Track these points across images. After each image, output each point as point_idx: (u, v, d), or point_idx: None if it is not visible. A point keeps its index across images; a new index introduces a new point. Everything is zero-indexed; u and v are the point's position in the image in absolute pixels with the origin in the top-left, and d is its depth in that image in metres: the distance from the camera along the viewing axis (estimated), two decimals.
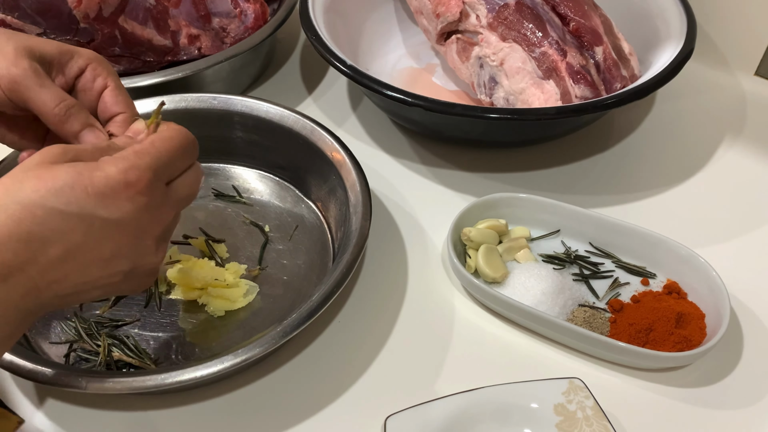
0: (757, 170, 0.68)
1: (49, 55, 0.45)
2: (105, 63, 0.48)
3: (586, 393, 0.48)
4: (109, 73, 0.48)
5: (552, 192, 0.66)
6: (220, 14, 0.77)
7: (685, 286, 0.55)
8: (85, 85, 0.47)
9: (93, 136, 0.45)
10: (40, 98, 0.44)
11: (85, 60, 0.47)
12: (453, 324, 0.56)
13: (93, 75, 0.47)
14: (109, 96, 0.47)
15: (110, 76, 0.47)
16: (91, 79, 0.47)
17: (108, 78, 0.47)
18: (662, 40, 0.69)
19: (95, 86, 0.47)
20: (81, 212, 0.37)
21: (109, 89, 0.47)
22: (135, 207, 0.38)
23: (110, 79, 0.47)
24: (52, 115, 0.45)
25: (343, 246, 0.54)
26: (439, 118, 0.64)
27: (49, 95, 0.44)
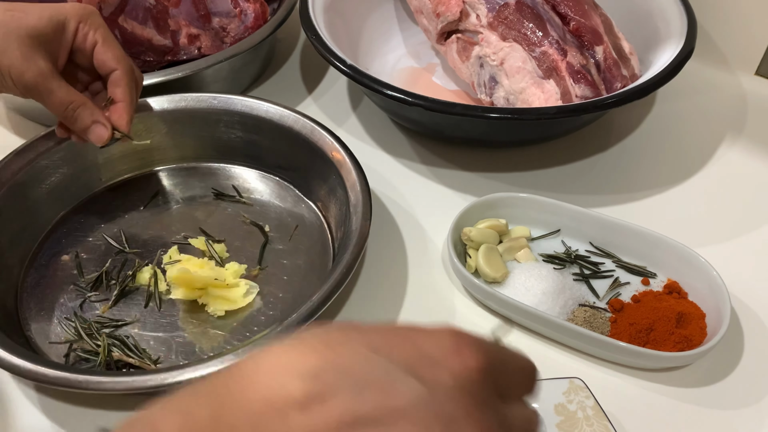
0: (758, 170, 0.68)
1: (47, 37, 0.48)
2: (92, 16, 0.50)
3: (587, 393, 0.47)
4: (96, 27, 0.50)
5: (552, 192, 0.66)
6: (220, 14, 0.77)
7: (685, 285, 0.55)
8: (79, 45, 0.50)
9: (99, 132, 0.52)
10: (50, 103, 0.49)
11: (75, 21, 0.49)
12: (453, 324, 0.56)
13: (83, 35, 0.50)
14: (100, 53, 0.51)
15: (98, 30, 0.50)
16: (82, 39, 0.50)
17: (97, 33, 0.50)
18: (662, 40, 0.69)
19: (87, 45, 0.50)
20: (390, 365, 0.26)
21: (98, 45, 0.50)
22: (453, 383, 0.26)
23: (98, 34, 0.50)
24: (63, 117, 0.51)
25: (343, 246, 0.54)
26: (440, 117, 0.64)
27: (56, 100, 0.49)
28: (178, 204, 0.66)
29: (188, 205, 0.66)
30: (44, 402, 0.52)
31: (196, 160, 0.69)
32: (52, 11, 0.48)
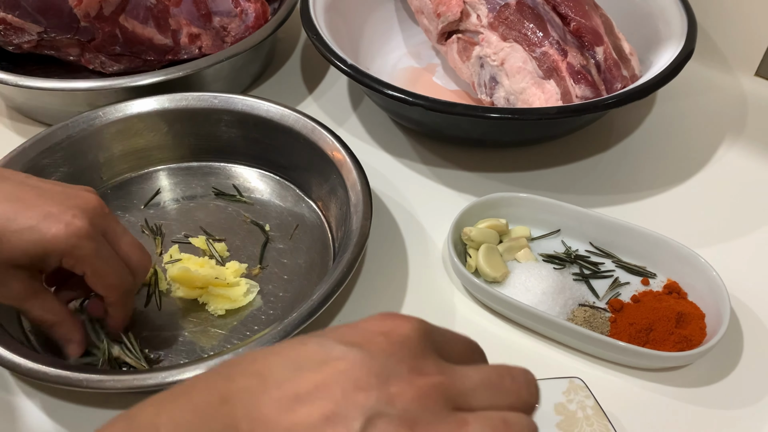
0: (758, 170, 0.69)
1: (23, 266, 0.46)
2: (74, 250, 0.45)
3: (587, 392, 0.48)
4: (82, 260, 0.46)
5: (552, 192, 0.66)
6: (221, 13, 0.77)
7: (685, 285, 0.55)
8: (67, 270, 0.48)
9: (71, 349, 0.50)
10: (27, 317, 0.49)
11: (56, 258, 0.46)
12: (453, 323, 0.56)
13: (69, 266, 0.47)
14: (90, 283, 0.48)
15: (84, 263, 0.46)
16: (70, 267, 0.47)
17: (84, 266, 0.47)
18: (663, 40, 0.69)
19: (76, 272, 0.48)
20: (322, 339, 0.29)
21: (87, 276, 0.47)
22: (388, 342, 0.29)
23: (85, 267, 0.47)
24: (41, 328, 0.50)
25: (344, 245, 0.54)
26: (440, 117, 0.64)
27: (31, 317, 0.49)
28: (178, 203, 0.66)
29: (189, 204, 0.66)
30: (45, 401, 0.52)
31: (197, 159, 0.69)
32: (30, 243, 0.44)
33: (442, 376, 0.28)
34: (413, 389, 0.27)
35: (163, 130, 0.67)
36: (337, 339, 0.29)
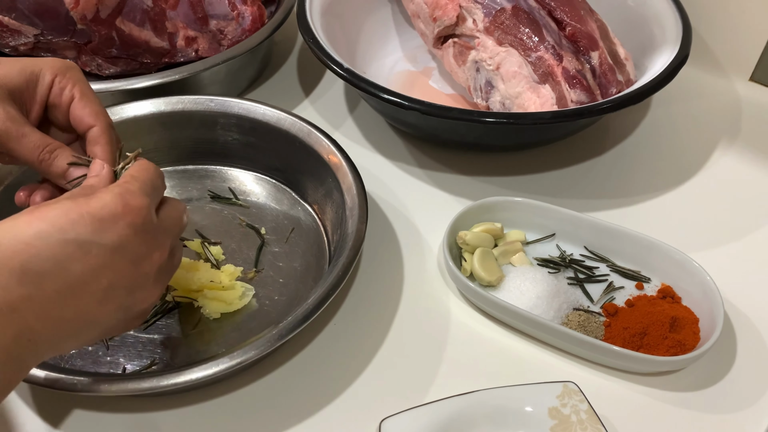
0: (752, 175, 0.69)
1: (17, 88, 0.45)
2: (70, 71, 0.47)
3: (581, 397, 0.48)
4: (74, 82, 0.46)
5: (547, 196, 0.66)
6: (218, 16, 0.77)
7: (679, 290, 0.56)
8: (54, 100, 0.46)
9: (79, 172, 0.46)
10: (22, 148, 0.44)
11: (50, 74, 0.46)
12: (448, 327, 0.56)
13: (59, 89, 0.46)
14: (77, 108, 0.46)
15: (77, 85, 0.46)
16: (58, 93, 0.46)
17: (74, 88, 0.46)
18: (658, 45, 0.69)
19: (63, 100, 0.46)
20: (78, 239, 0.36)
21: (75, 101, 0.46)
22: (133, 231, 0.38)
23: (76, 89, 0.46)
24: (38, 162, 0.45)
25: (339, 249, 0.54)
26: (436, 121, 0.64)
27: (30, 144, 0.44)
28: None
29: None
30: (40, 404, 0.52)
31: (193, 163, 0.69)
32: (25, 63, 0.45)
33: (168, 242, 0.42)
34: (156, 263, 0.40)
35: (159, 133, 0.67)
36: (89, 235, 0.36)
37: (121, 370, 0.53)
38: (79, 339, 0.38)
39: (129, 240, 0.38)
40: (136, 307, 0.40)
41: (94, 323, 0.38)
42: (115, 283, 0.37)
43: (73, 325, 0.37)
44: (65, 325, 0.36)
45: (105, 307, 0.38)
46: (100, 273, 0.37)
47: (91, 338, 0.39)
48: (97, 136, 0.46)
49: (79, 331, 0.37)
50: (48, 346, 0.36)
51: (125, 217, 0.38)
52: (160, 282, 0.42)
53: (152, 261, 0.40)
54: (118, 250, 0.37)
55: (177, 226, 0.44)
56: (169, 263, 0.43)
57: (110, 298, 0.37)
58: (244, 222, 0.64)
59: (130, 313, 0.40)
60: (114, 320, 0.39)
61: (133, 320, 0.42)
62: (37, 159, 0.45)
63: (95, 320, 0.38)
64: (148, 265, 0.39)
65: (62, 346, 0.37)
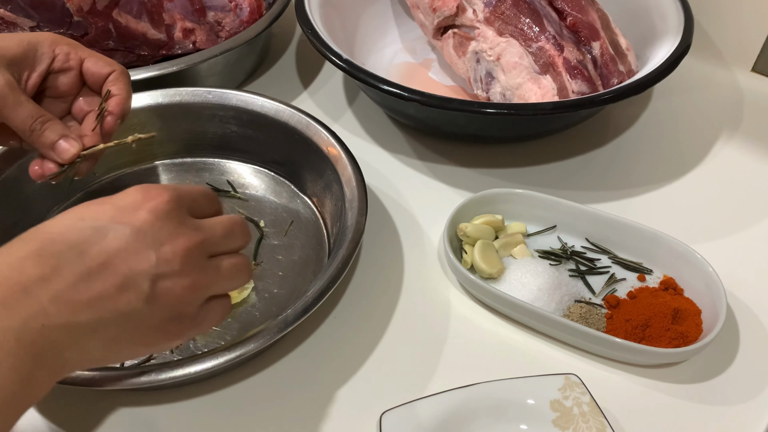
0: (754, 166, 0.68)
1: (16, 58, 0.46)
2: (68, 41, 0.49)
3: (583, 389, 0.47)
4: (77, 47, 0.48)
5: (548, 188, 0.66)
6: (215, 8, 0.77)
7: (681, 282, 0.55)
8: (63, 65, 0.48)
9: (68, 145, 0.47)
10: (16, 116, 0.46)
11: (49, 45, 0.47)
12: (449, 320, 0.56)
13: (65, 55, 0.48)
14: (90, 64, 0.48)
15: (80, 49, 0.49)
16: (65, 59, 0.48)
17: (79, 51, 0.48)
18: (659, 36, 0.68)
19: (71, 63, 0.48)
20: (95, 224, 0.35)
21: (87, 60, 0.48)
22: (154, 217, 0.36)
23: (82, 51, 0.49)
24: (29, 131, 0.46)
25: (339, 241, 0.54)
26: (436, 113, 0.63)
27: (25, 112, 0.46)
28: None
29: None
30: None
31: (191, 155, 0.68)
32: (22, 35, 0.46)
33: (198, 234, 0.38)
34: (180, 250, 0.36)
35: (157, 126, 0.66)
36: (108, 221, 0.36)
37: (120, 363, 0.52)
38: (102, 334, 0.35)
39: (148, 224, 0.36)
40: (162, 301, 0.36)
41: (115, 312, 0.35)
42: (134, 267, 0.35)
43: (92, 312, 0.34)
44: (82, 309, 0.34)
45: (125, 295, 0.35)
46: (117, 256, 0.35)
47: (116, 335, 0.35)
48: (116, 78, 0.49)
49: (100, 322, 0.34)
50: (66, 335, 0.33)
51: (146, 203, 0.37)
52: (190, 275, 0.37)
53: (175, 247, 0.36)
54: (137, 233, 0.36)
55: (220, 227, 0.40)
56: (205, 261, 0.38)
57: (130, 284, 0.35)
58: (243, 215, 0.63)
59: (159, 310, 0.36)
60: (140, 315, 0.35)
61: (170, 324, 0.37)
62: (29, 128, 0.46)
63: (115, 308, 0.35)
64: (170, 251, 0.36)
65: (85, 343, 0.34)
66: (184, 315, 0.38)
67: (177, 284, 0.36)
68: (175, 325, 0.38)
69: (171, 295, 0.36)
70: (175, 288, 0.36)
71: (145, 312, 0.36)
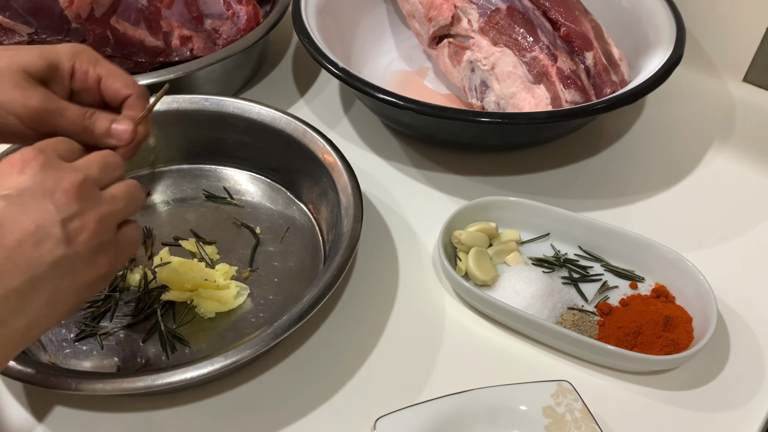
0: (745, 176, 0.69)
1: (41, 72, 0.46)
2: (86, 54, 0.48)
3: (575, 395, 0.48)
4: (95, 62, 0.48)
5: (542, 195, 0.67)
6: (213, 16, 0.77)
7: (673, 289, 0.56)
8: (81, 84, 0.48)
9: (122, 126, 0.48)
10: (66, 121, 0.46)
11: (69, 60, 0.47)
12: (443, 326, 0.56)
13: (83, 73, 0.47)
14: (108, 85, 0.48)
15: (98, 64, 0.48)
16: (83, 78, 0.48)
17: (97, 67, 0.48)
18: (652, 46, 0.69)
19: (89, 82, 0.48)
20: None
21: (104, 79, 0.48)
22: (30, 173, 0.38)
23: (99, 67, 0.48)
24: (82, 129, 0.47)
25: (335, 248, 0.54)
26: (431, 121, 0.64)
27: (73, 115, 0.46)
28: (168, 205, 0.66)
29: (179, 207, 0.66)
30: (33, 404, 0.51)
31: (188, 162, 0.69)
32: (42, 50, 0.46)
33: (78, 172, 0.40)
34: (72, 190, 0.39)
35: (154, 133, 0.66)
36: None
37: (116, 369, 0.53)
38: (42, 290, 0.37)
39: (29, 181, 0.38)
40: (81, 238, 0.39)
41: (44, 265, 0.37)
42: (38, 220, 0.37)
43: (22, 274, 0.36)
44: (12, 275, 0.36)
45: (44, 246, 0.37)
46: (18, 219, 0.37)
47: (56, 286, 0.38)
48: (134, 102, 0.49)
49: (36, 279, 0.37)
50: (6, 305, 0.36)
51: (16, 167, 0.38)
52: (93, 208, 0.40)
53: (65, 190, 0.38)
54: (26, 194, 0.38)
55: (94, 162, 0.42)
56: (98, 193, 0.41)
57: (43, 236, 0.37)
58: (239, 221, 0.64)
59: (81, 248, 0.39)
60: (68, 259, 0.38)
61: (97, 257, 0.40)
62: (82, 126, 0.47)
63: (42, 261, 0.37)
64: (62, 195, 0.38)
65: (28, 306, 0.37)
66: (104, 245, 0.40)
67: (85, 220, 0.39)
68: (102, 257, 0.40)
69: (85, 231, 0.39)
70: (85, 224, 0.39)
71: (69, 255, 0.38)
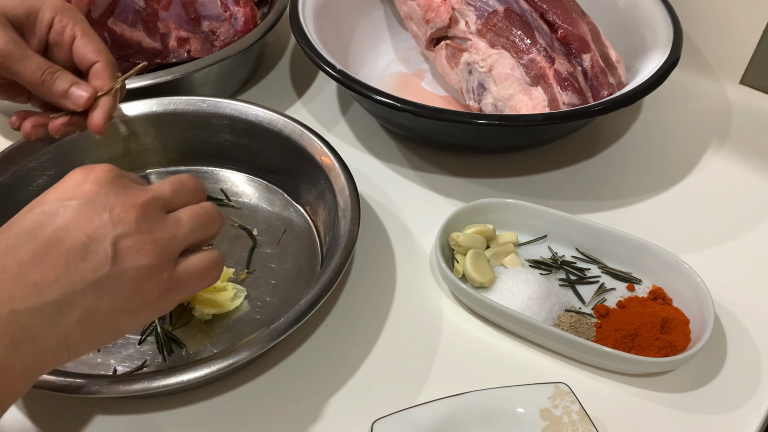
0: (742, 178, 0.69)
1: (18, 18, 0.45)
2: (70, 11, 0.47)
3: (572, 398, 0.48)
4: (75, 21, 0.47)
5: (539, 197, 0.67)
6: (210, 17, 0.77)
7: (670, 291, 0.56)
8: (56, 39, 0.47)
9: (81, 90, 0.47)
10: (26, 69, 0.45)
11: (50, 12, 0.46)
12: (440, 328, 0.56)
13: (60, 27, 0.47)
14: (79, 46, 0.47)
15: (77, 24, 0.47)
16: (60, 32, 0.47)
17: (75, 27, 0.47)
18: (649, 48, 0.69)
19: (65, 39, 0.47)
20: (44, 208, 0.36)
21: (77, 39, 0.47)
22: (98, 186, 0.37)
23: (77, 28, 0.47)
24: (39, 83, 0.46)
25: (332, 250, 0.54)
26: (428, 123, 0.64)
27: (33, 65, 0.46)
28: None
29: None
30: (31, 407, 0.51)
31: (185, 164, 0.69)
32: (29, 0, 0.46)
33: (147, 193, 0.39)
34: (134, 209, 0.37)
35: (151, 134, 0.67)
36: (55, 202, 0.37)
37: (112, 371, 0.52)
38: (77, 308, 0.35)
39: (94, 193, 0.37)
40: (128, 260, 0.36)
41: (84, 282, 0.35)
42: (91, 233, 0.36)
43: (60, 288, 0.34)
44: (49, 287, 0.34)
45: (89, 262, 0.35)
46: (72, 228, 0.36)
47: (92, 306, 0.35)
48: (100, 71, 0.48)
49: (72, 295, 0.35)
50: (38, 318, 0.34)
51: (88, 177, 0.38)
52: (150, 231, 0.37)
53: (126, 206, 0.37)
54: (86, 204, 0.37)
55: (167, 183, 0.41)
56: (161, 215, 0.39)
57: (91, 250, 0.35)
58: (236, 223, 0.63)
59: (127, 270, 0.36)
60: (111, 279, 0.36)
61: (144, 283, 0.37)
62: (40, 79, 0.46)
63: (83, 278, 0.35)
64: (122, 211, 0.37)
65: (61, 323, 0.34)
66: (156, 272, 0.38)
67: (138, 241, 0.37)
68: (150, 284, 0.37)
69: (135, 253, 0.37)
70: (137, 245, 0.37)
71: (114, 275, 0.36)
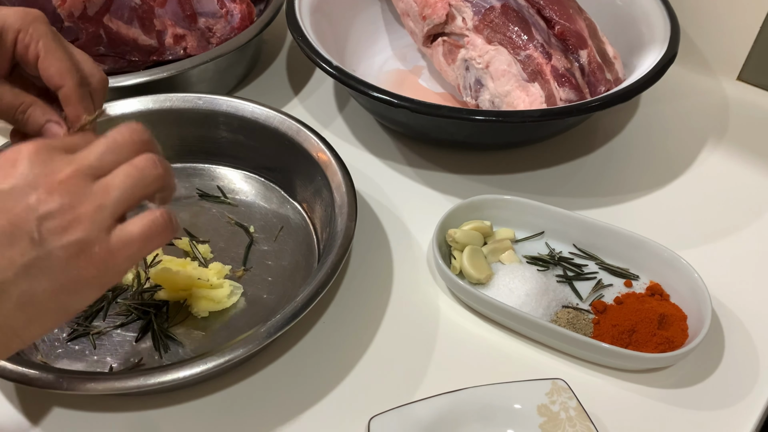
0: (739, 174, 0.69)
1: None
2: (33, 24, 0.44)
3: (570, 394, 0.48)
4: (38, 37, 0.44)
5: (537, 194, 0.66)
6: (206, 14, 0.77)
7: (667, 287, 0.56)
8: (21, 58, 0.44)
9: (55, 129, 0.45)
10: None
11: (12, 33, 0.43)
12: (438, 325, 0.56)
13: (23, 47, 0.44)
14: (43, 68, 0.44)
15: (40, 40, 0.44)
16: (23, 52, 0.44)
17: (39, 44, 0.44)
18: (646, 44, 0.69)
19: (29, 58, 0.44)
20: None
21: (41, 60, 0.44)
22: (18, 169, 0.35)
23: (41, 45, 0.44)
24: (13, 121, 0.45)
25: (328, 247, 0.54)
26: (425, 119, 0.64)
27: (5, 103, 0.44)
28: None
29: (173, 206, 0.64)
30: (25, 404, 0.51)
31: (181, 161, 0.68)
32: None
33: (70, 165, 0.36)
34: (55, 184, 0.35)
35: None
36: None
37: (108, 368, 0.52)
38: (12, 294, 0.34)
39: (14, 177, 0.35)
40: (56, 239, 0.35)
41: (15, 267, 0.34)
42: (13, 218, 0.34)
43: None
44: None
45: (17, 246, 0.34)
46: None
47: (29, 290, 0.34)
48: (68, 96, 0.45)
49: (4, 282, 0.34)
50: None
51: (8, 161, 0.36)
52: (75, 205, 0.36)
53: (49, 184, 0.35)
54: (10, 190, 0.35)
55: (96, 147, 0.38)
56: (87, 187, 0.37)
57: (16, 234, 0.34)
58: (233, 220, 0.63)
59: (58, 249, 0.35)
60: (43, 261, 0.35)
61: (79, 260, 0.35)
62: (13, 119, 0.45)
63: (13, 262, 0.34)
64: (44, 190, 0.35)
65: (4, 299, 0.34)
66: (87, 246, 0.35)
67: (63, 219, 0.35)
68: (83, 260, 0.35)
69: (61, 231, 0.35)
70: (62, 223, 0.35)
71: (42, 257, 0.34)
